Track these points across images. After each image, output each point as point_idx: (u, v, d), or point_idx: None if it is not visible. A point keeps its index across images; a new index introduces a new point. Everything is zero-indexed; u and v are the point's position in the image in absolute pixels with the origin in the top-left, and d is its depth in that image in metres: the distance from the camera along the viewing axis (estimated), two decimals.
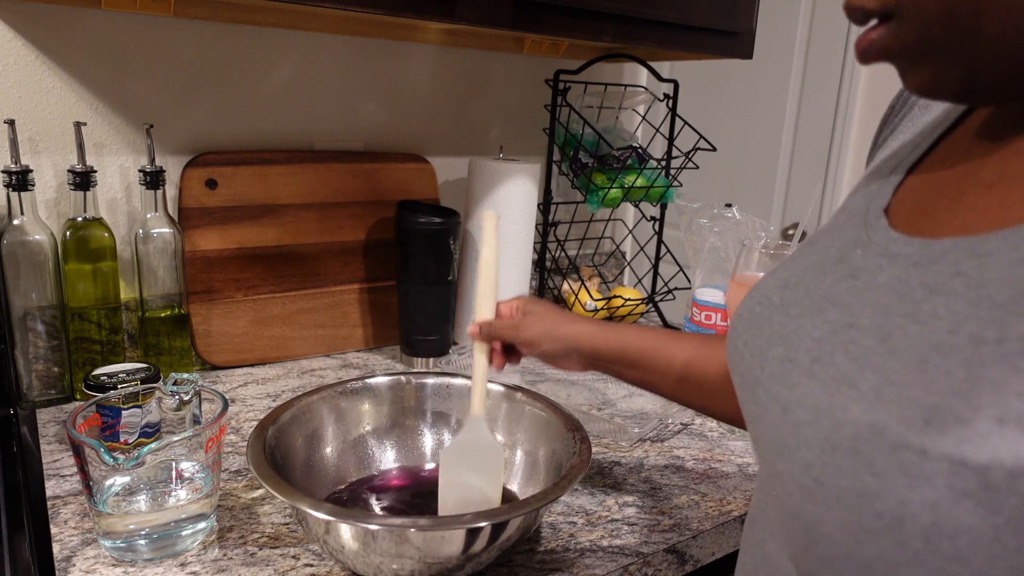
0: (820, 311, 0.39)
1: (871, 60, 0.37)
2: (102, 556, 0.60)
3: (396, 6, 0.81)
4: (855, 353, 0.35)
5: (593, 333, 0.67)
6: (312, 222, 1.06)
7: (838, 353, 0.35)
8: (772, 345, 0.41)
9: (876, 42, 0.36)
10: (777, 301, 0.43)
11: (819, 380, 0.35)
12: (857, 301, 0.37)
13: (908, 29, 0.35)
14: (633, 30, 1.00)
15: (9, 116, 0.86)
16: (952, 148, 0.42)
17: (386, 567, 0.55)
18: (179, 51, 0.97)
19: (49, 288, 0.84)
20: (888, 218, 0.41)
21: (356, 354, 1.10)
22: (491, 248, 0.70)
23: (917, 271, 0.35)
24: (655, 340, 0.67)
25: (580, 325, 0.68)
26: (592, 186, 1.18)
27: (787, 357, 0.39)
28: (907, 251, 0.37)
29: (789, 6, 1.85)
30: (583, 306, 1.24)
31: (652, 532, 0.68)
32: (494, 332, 0.69)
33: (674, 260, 1.30)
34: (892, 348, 0.33)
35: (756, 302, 0.46)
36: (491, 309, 0.70)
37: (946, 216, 0.37)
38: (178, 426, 0.70)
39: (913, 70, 0.36)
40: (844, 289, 0.39)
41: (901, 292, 0.35)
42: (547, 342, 0.68)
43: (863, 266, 0.39)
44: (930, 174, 0.41)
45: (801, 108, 1.87)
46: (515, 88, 1.28)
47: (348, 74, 1.10)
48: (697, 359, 0.65)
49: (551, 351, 0.68)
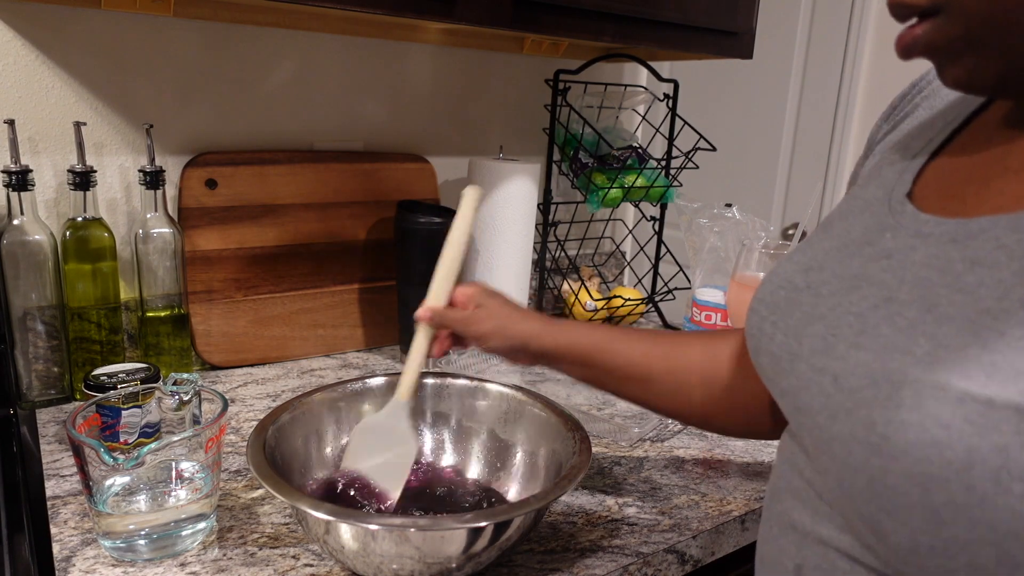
0: (854, 289, 0.41)
1: (914, 55, 0.39)
2: (102, 556, 0.60)
3: (396, 6, 0.81)
4: (901, 324, 0.37)
5: (542, 332, 0.67)
6: (312, 222, 1.06)
7: (883, 325, 0.38)
8: (808, 323, 0.43)
9: (921, 37, 0.39)
10: (802, 284, 0.46)
11: (868, 350, 0.38)
12: (894, 278, 0.39)
13: (953, 25, 0.37)
14: (633, 30, 1.00)
15: (9, 116, 0.85)
16: (972, 138, 0.44)
17: (386, 567, 0.54)
18: (179, 51, 0.97)
19: (49, 288, 0.84)
20: (912, 203, 0.43)
21: (356, 354, 1.10)
22: (465, 225, 0.68)
23: (955, 247, 0.38)
24: (602, 338, 0.67)
25: (530, 323, 0.68)
26: (592, 186, 1.18)
27: (828, 333, 0.41)
28: (941, 230, 0.39)
29: (789, 6, 1.85)
30: (583, 306, 1.24)
31: (652, 532, 0.68)
32: (443, 321, 0.68)
33: (674, 260, 1.30)
34: (939, 316, 0.35)
35: (778, 286, 0.48)
36: (446, 294, 0.68)
37: (976, 201, 0.40)
38: (178, 426, 0.70)
39: (952, 64, 0.39)
40: (878, 268, 0.41)
41: (940, 267, 0.37)
42: (496, 339, 0.67)
43: (895, 247, 0.41)
44: (951, 161, 0.44)
45: (801, 108, 1.87)
46: (515, 88, 1.28)
47: (348, 74, 1.10)
48: (641, 356, 0.66)
49: (499, 347, 0.68)
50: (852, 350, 0.38)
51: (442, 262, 0.69)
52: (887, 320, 0.38)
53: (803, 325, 0.43)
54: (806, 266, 0.47)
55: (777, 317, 0.46)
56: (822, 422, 0.39)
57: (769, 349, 0.46)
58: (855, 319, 0.40)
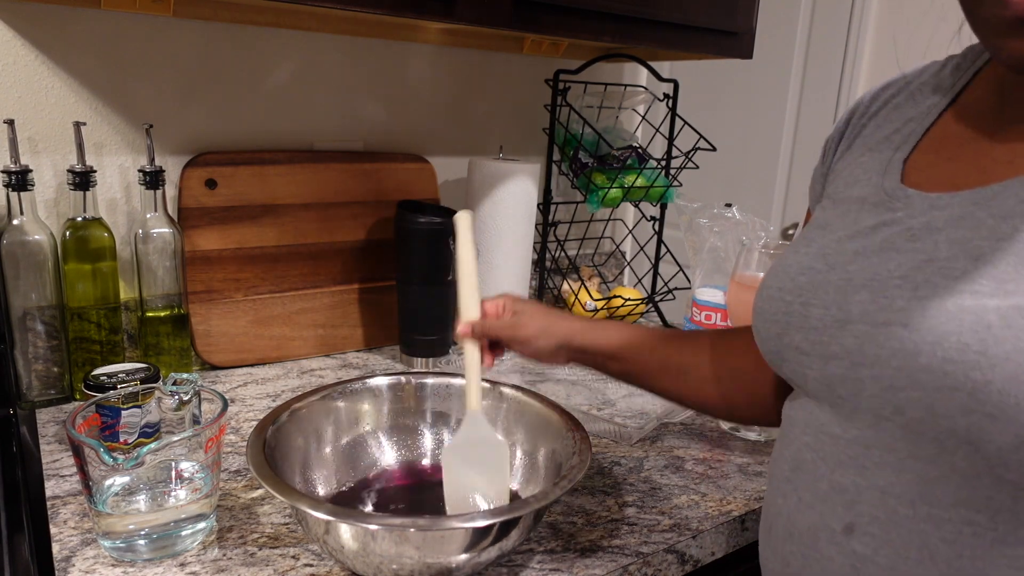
0: (887, 259, 0.45)
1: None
2: (101, 556, 0.60)
3: (396, 6, 0.81)
4: (954, 274, 0.41)
5: (583, 329, 0.72)
6: (312, 222, 1.06)
7: (936, 277, 0.42)
8: (850, 294, 0.46)
9: None
10: (823, 267, 0.49)
11: (930, 299, 0.41)
12: (925, 244, 0.43)
13: None
14: (633, 30, 1.00)
15: (9, 116, 0.85)
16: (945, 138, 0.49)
17: (386, 567, 0.54)
18: (179, 51, 0.97)
19: (49, 288, 0.84)
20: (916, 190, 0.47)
21: (356, 354, 1.10)
22: (468, 247, 0.71)
23: (980, 208, 0.42)
24: (635, 336, 0.72)
25: (570, 322, 0.72)
26: (592, 186, 1.18)
27: (879, 295, 0.44)
28: (958, 199, 0.43)
29: (789, 6, 1.85)
30: (583, 306, 1.24)
31: (652, 532, 0.68)
32: (488, 331, 0.70)
33: (674, 260, 1.30)
34: (989, 262, 0.40)
35: (797, 272, 0.51)
36: (477, 308, 0.70)
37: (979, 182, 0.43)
38: (178, 426, 0.70)
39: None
40: (903, 240, 0.45)
41: (970, 225, 0.42)
42: (543, 339, 0.71)
43: (912, 221, 0.45)
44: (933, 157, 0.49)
45: (801, 108, 1.87)
46: (515, 88, 1.28)
47: (348, 74, 1.10)
48: (675, 352, 0.70)
49: (545, 347, 0.71)
50: (913, 301, 0.42)
51: (462, 280, 0.71)
52: (937, 274, 0.42)
53: (845, 296, 0.46)
54: (820, 252, 0.50)
55: (807, 297, 0.49)
56: (897, 363, 0.42)
57: (805, 324, 0.49)
58: (902, 280, 0.43)
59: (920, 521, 0.43)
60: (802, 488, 0.50)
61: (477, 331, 0.69)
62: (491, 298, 0.73)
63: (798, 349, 0.50)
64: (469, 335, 0.69)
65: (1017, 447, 0.38)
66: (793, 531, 0.50)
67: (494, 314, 0.72)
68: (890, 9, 1.69)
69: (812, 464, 0.49)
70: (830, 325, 0.47)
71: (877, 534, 0.44)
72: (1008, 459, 0.39)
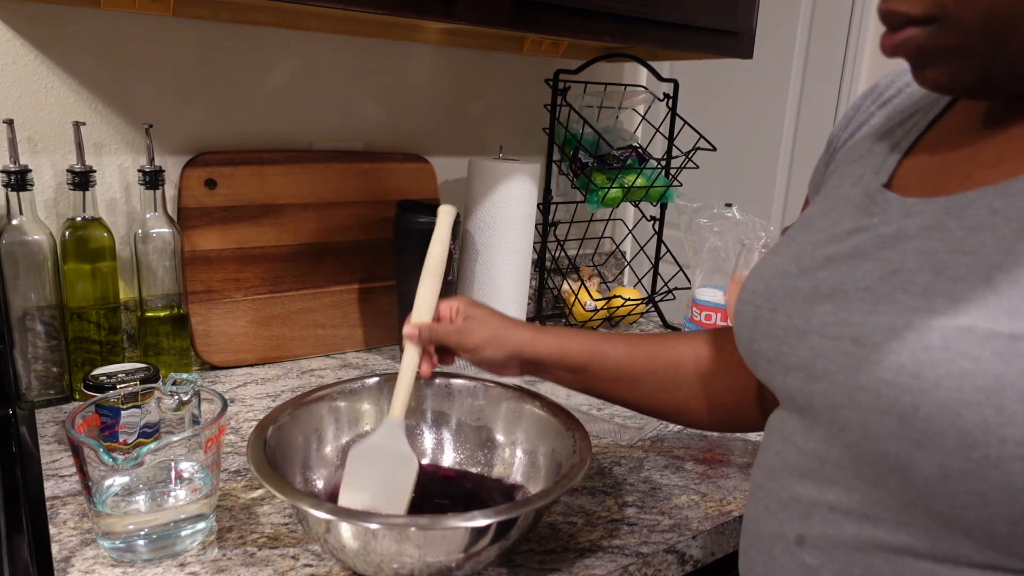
0: (856, 268, 0.43)
1: (899, 55, 0.41)
2: (101, 556, 0.60)
3: (396, 6, 0.81)
4: (915, 289, 0.39)
5: (534, 338, 0.68)
6: (312, 222, 1.06)
7: (897, 293, 0.40)
8: (814, 303, 0.45)
9: (912, 39, 0.40)
10: (795, 271, 0.48)
11: (886, 315, 0.40)
12: (894, 253, 0.42)
13: (947, 34, 0.38)
14: (633, 30, 1.00)
15: (8, 116, 0.85)
16: (941, 139, 0.47)
17: (386, 566, 0.54)
18: (178, 51, 0.97)
19: (48, 288, 0.84)
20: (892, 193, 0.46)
21: (356, 354, 1.10)
22: (440, 244, 0.68)
23: (951, 217, 0.40)
24: (589, 343, 0.69)
25: (521, 331, 0.69)
26: (592, 186, 1.18)
27: (839, 308, 0.43)
28: (932, 207, 0.42)
29: (789, 6, 1.85)
30: (583, 306, 1.24)
31: (652, 532, 0.68)
32: (434, 335, 0.68)
33: (674, 260, 1.30)
34: (952, 277, 0.38)
35: (771, 276, 0.50)
36: (431, 310, 0.68)
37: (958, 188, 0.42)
38: (177, 426, 0.70)
39: (935, 68, 0.40)
40: (874, 248, 0.43)
41: (940, 236, 0.40)
42: (490, 348, 0.68)
43: (886, 228, 0.44)
44: (925, 161, 0.46)
45: (801, 108, 1.87)
46: (515, 88, 1.27)
47: (348, 74, 1.10)
48: (627, 357, 0.68)
49: (493, 356, 0.68)
50: (870, 316, 0.40)
51: (423, 279, 0.69)
52: (900, 288, 0.40)
53: (809, 305, 0.45)
54: (795, 257, 0.49)
55: (776, 303, 0.48)
56: (842, 379, 0.41)
57: (770, 333, 0.48)
58: (865, 293, 0.42)
59: (864, 541, 0.42)
60: (769, 496, 0.49)
61: (424, 336, 0.67)
62: (447, 300, 0.70)
63: (764, 357, 0.49)
64: (414, 339, 0.67)
65: (942, 478, 0.36)
66: (757, 538, 0.50)
67: (446, 318, 0.69)
68: None
69: (780, 472, 0.48)
70: (791, 334, 0.46)
71: (825, 549, 0.44)
72: (935, 490, 0.37)
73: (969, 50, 0.38)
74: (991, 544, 0.36)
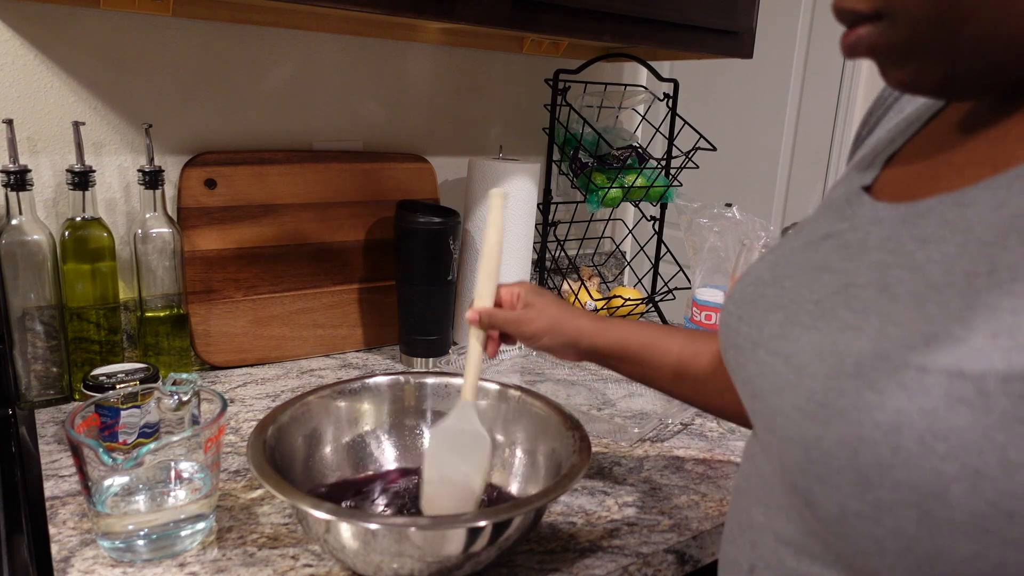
0: (815, 279, 0.42)
1: (857, 56, 0.40)
2: (101, 557, 0.60)
3: (396, 6, 0.81)
4: (857, 306, 0.37)
5: (594, 329, 0.69)
6: (312, 222, 1.06)
7: (840, 308, 0.38)
8: (769, 312, 0.43)
9: (864, 39, 0.39)
10: (768, 278, 0.46)
11: (821, 332, 0.38)
12: (852, 264, 0.40)
13: (896, 29, 0.37)
14: (633, 30, 1.00)
15: (7, 115, 0.85)
16: (925, 141, 0.45)
17: (386, 566, 0.54)
18: (178, 51, 0.97)
19: (48, 288, 0.84)
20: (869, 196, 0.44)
21: (356, 354, 1.10)
22: (496, 229, 0.68)
23: (906, 227, 0.38)
24: (651, 336, 0.69)
25: (581, 320, 0.69)
26: (592, 186, 1.18)
27: (787, 320, 0.41)
28: (893, 214, 0.40)
29: (789, 6, 1.85)
30: (583, 306, 1.24)
31: (652, 532, 0.68)
32: (494, 322, 0.68)
33: (674, 260, 1.30)
34: (892, 295, 0.36)
35: (748, 283, 0.48)
36: (492, 294, 0.69)
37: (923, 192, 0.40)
38: (177, 426, 0.70)
39: (896, 67, 0.39)
40: (838, 258, 0.42)
41: (893, 248, 0.38)
42: (548, 337, 0.69)
43: (852, 235, 0.42)
44: (906, 163, 0.45)
45: (801, 108, 1.87)
46: (515, 88, 1.27)
47: (348, 74, 1.10)
48: (690, 353, 0.67)
49: (551, 345, 0.69)
50: (807, 332, 0.39)
51: (482, 264, 0.69)
52: (844, 304, 0.38)
53: (764, 315, 0.44)
54: (773, 263, 0.48)
55: (743, 311, 0.47)
56: (771, 401, 0.40)
57: (735, 342, 0.47)
58: (813, 306, 0.40)
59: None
60: (732, 519, 0.48)
61: (484, 321, 0.68)
62: (509, 285, 0.71)
63: (729, 365, 0.48)
64: (476, 323, 0.68)
65: (841, 519, 0.34)
66: (724, 560, 0.49)
67: (508, 303, 0.70)
68: None
69: (743, 495, 0.47)
70: (747, 346, 0.44)
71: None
72: (837, 531, 0.34)
73: (921, 45, 0.37)
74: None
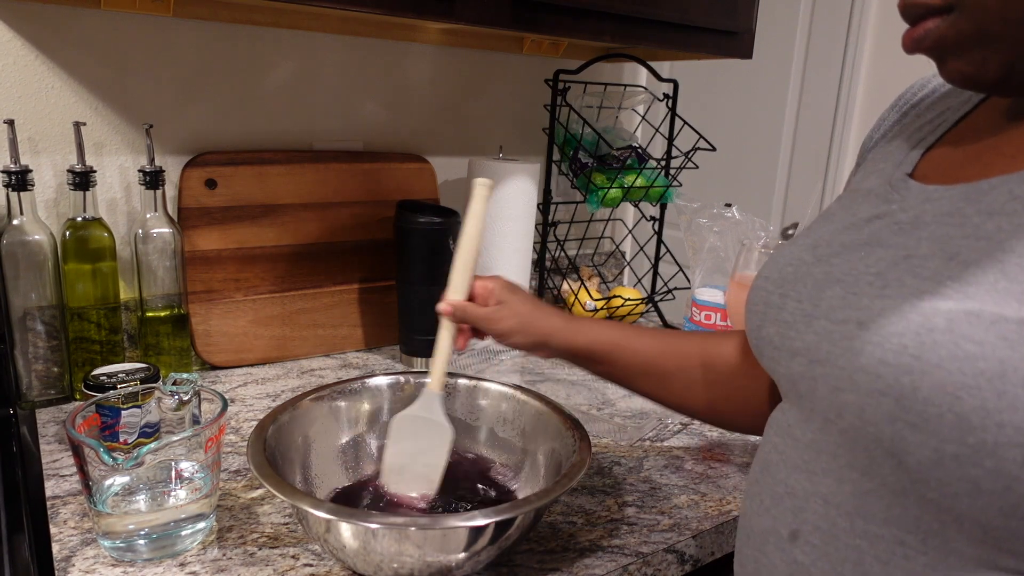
0: (869, 254, 0.43)
1: (923, 49, 0.41)
2: (101, 556, 0.60)
3: (396, 6, 0.81)
4: (924, 274, 0.39)
5: (564, 329, 0.70)
6: (312, 222, 1.06)
7: (906, 277, 0.40)
8: (824, 288, 0.45)
9: (932, 31, 0.40)
10: (811, 259, 0.48)
11: (893, 299, 0.39)
12: (908, 239, 0.42)
13: (967, 21, 0.38)
14: (633, 30, 1.00)
15: (8, 116, 0.85)
16: (968, 130, 0.47)
17: (386, 566, 0.54)
18: (179, 51, 0.97)
19: (48, 288, 0.84)
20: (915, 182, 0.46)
21: (356, 354, 1.10)
22: (477, 220, 0.68)
23: (969, 203, 0.40)
24: (620, 336, 0.70)
25: (551, 320, 0.70)
26: (592, 186, 1.18)
27: (848, 292, 0.43)
28: (951, 194, 0.42)
29: (789, 6, 1.85)
30: (583, 306, 1.24)
31: (652, 532, 0.68)
32: (465, 316, 0.69)
33: (674, 260, 1.30)
34: (963, 262, 0.38)
35: (786, 263, 0.50)
36: (466, 287, 0.69)
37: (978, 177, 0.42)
38: (177, 426, 0.70)
39: (958, 59, 0.40)
40: (890, 234, 0.43)
41: (956, 222, 0.40)
42: (519, 336, 0.70)
43: (903, 215, 0.44)
44: (949, 150, 0.47)
45: (801, 108, 1.87)
46: (515, 88, 1.28)
47: (348, 74, 1.10)
48: (658, 353, 0.69)
49: (521, 344, 0.70)
50: (876, 300, 0.40)
51: (458, 256, 0.69)
52: (909, 273, 0.40)
53: (818, 290, 0.45)
54: (813, 245, 0.49)
55: (787, 289, 0.48)
56: (844, 362, 0.41)
57: (779, 318, 0.48)
58: (875, 277, 0.42)
59: (856, 536, 0.41)
60: (764, 491, 0.49)
61: (456, 315, 0.68)
62: (483, 278, 0.71)
63: (771, 343, 0.49)
64: (449, 316, 0.68)
65: (936, 463, 0.36)
66: (751, 533, 0.50)
67: (481, 298, 0.70)
68: (890, 9, 1.69)
69: (775, 466, 0.48)
70: (799, 319, 0.46)
71: (817, 544, 0.43)
72: (928, 476, 0.37)
73: (990, 36, 0.38)
74: (983, 538, 0.36)
